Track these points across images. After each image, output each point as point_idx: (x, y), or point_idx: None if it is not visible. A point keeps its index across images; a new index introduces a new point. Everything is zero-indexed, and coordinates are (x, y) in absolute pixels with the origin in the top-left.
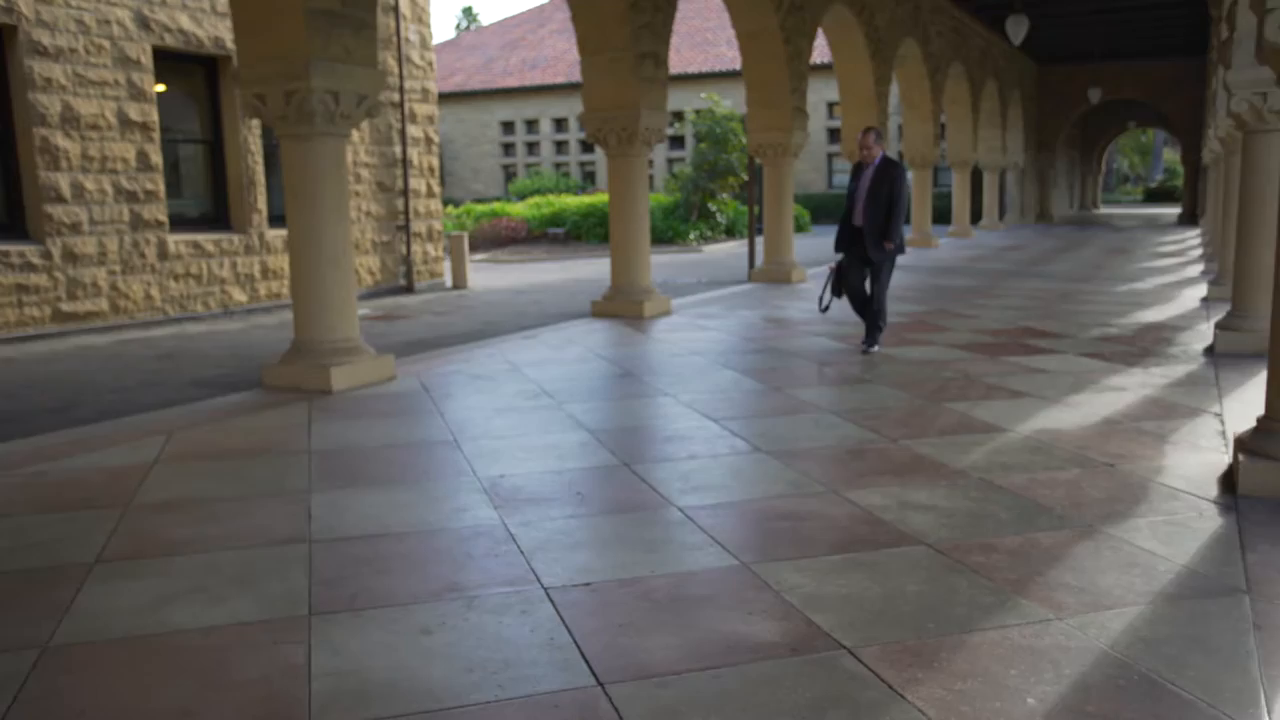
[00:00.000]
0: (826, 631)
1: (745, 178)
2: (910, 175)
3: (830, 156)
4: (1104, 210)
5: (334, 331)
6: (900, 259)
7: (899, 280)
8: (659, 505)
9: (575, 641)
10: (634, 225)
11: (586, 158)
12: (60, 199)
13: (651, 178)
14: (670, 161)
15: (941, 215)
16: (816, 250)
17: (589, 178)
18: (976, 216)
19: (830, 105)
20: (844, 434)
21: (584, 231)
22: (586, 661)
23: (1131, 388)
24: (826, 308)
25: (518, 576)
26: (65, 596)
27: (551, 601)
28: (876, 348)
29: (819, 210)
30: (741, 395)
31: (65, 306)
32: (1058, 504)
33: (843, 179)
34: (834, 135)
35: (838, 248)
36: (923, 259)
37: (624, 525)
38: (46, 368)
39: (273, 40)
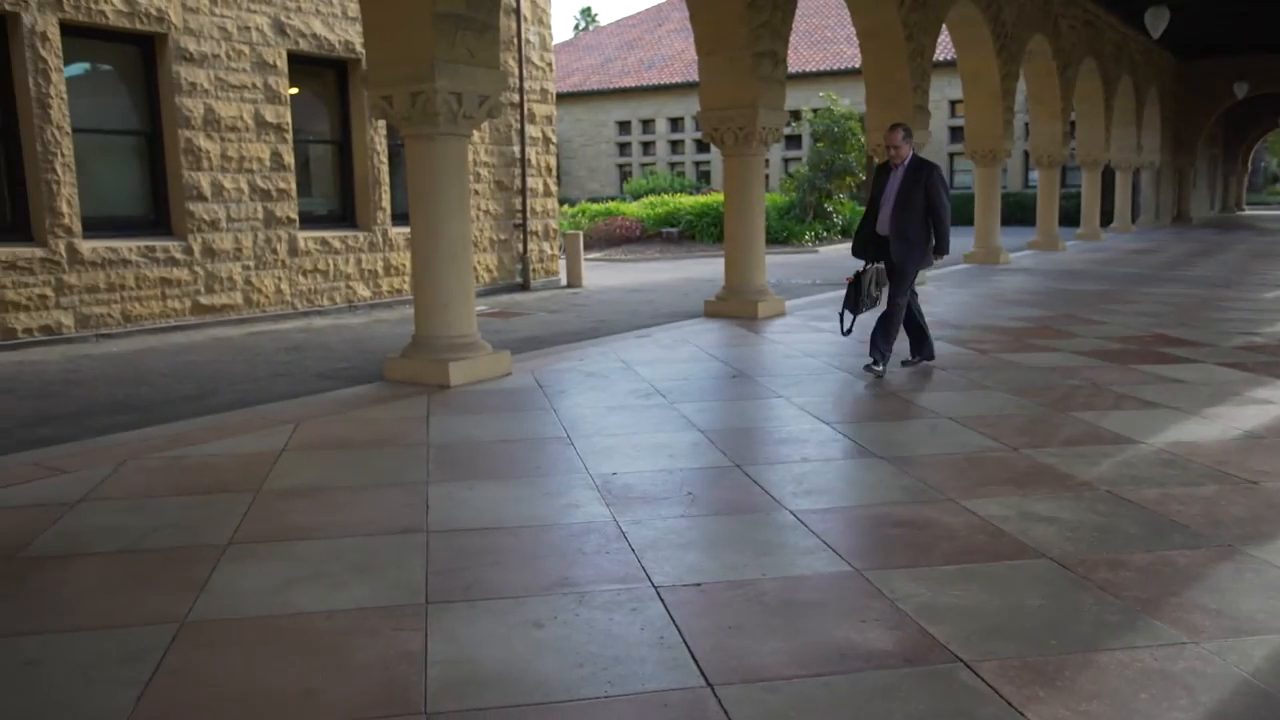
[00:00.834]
0: (942, 643)
1: (863, 178)
2: (1037, 175)
3: (952, 156)
4: (1249, 212)
5: (452, 327)
6: (1024, 262)
7: (1020, 283)
8: (771, 508)
9: (685, 641)
10: (749, 225)
11: (702, 157)
12: (201, 197)
13: (767, 177)
14: (786, 161)
15: (1068, 217)
16: None
17: (704, 177)
18: (1107, 219)
19: (953, 103)
20: (962, 441)
21: (698, 231)
22: (696, 662)
23: (1278, 400)
24: (849, 330)
25: (628, 574)
26: (201, 575)
27: (661, 600)
28: (881, 367)
29: None
30: (856, 398)
31: (203, 299)
32: (1193, 521)
33: (965, 179)
34: (956, 134)
35: (856, 254)
36: (1047, 262)
37: (735, 527)
38: (185, 357)
39: (400, 43)
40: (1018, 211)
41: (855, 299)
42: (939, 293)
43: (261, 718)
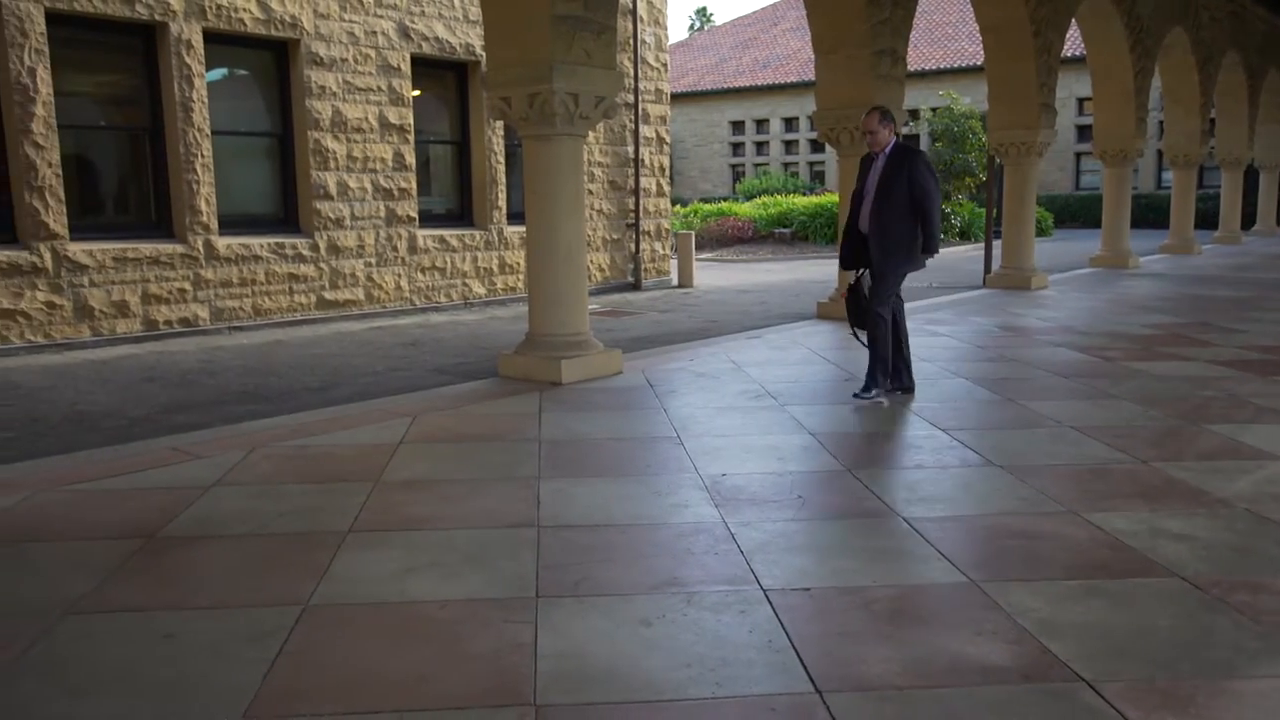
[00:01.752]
0: (1063, 661)
1: (983, 178)
2: (1171, 175)
3: (1078, 156)
4: None
5: (565, 326)
6: (1155, 266)
7: (1150, 289)
8: (883, 514)
9: (793, 646)
10: None
11: (816, 157)
12: (327, 196)
13: None
14: None
15: (1206, 220)
16: (1059, 255)
17: (818, 178)
18: (1249, 221)
19: (1081, 101)
20: (1085, 451)
21: (811, 232)
22: (804, 667)
23: None
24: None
25: (737, 576)
26: (323, 560)
27: (770, 604)
28: (875, 393)
29: (1063, 213)
30: (973, 405)
31: (328, 295)
32: None
33: (1093, 179)
34: (1084, 133)
35: (844, 264)
36: (1180, 266)
37: (846, 532)
38: (309, 350)
39: (519, 46)
40: (1149, 214)
41: (858, 313)
42: (1061, 297)
43: (379, 700)
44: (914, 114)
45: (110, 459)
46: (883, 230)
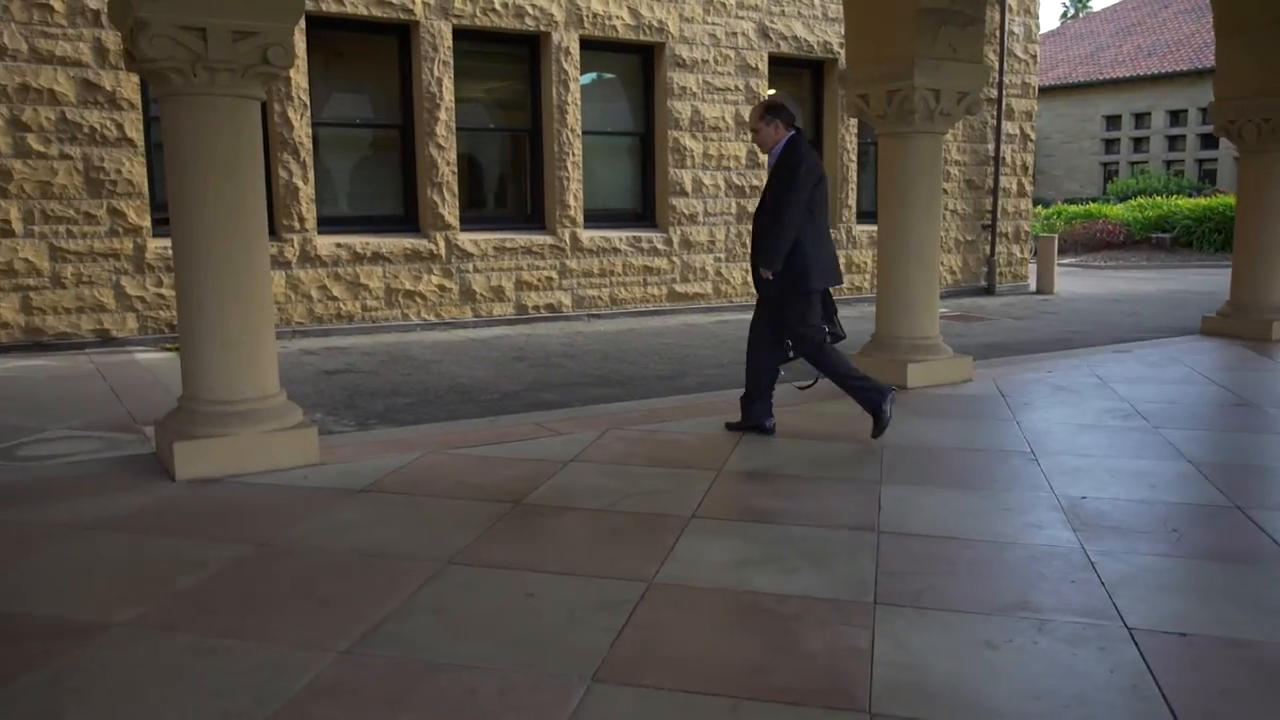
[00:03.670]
0: None
1: None
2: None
3: None
4: None
5: (914, 329)
6: None
7: None
8: None
9: (1164, 696)
10: (1268, 232)
11: (1207, 154)
12: (683, 193)
13: None
14: None
15: None
16: None
17: (1207, 177)
18: None
19: None
20: None
21: (1196, 238)
22: None
23: None
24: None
25: (1096, 609)
26: (668, 542)
27: (1136, 645)
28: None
29: None
30: None
31: (678, 287)
32: None
33: None
34: None
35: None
36: None
37: (1230, 576)
38: (659, 340)
39: (880, 41)
40: None
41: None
42: None
43: (715, 684)
44: None
45: (486, 429)
46: (761, 246)
